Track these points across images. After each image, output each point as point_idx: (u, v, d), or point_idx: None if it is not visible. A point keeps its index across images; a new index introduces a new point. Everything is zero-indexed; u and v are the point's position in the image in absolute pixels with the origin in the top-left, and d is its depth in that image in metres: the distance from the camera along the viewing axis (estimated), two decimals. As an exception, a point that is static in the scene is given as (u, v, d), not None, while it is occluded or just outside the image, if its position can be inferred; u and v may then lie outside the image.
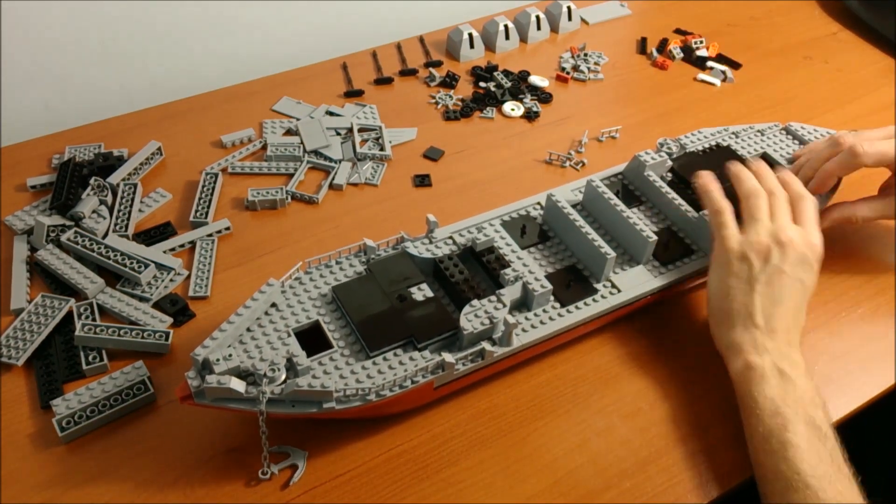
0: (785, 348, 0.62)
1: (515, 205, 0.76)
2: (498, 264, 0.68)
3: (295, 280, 0.66)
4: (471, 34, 1.06)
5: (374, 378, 0.59)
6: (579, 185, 0.78)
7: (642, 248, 0.70)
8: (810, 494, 0.55)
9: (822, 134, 0.85)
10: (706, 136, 0.84)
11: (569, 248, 0.72)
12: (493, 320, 0.62)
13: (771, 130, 0.86)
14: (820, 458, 0.57)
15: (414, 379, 0.60)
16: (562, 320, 0.66)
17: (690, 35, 1.13)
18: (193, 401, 0.57)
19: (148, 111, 0.95)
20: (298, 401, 0.57)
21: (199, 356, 0.57)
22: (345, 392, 0.57)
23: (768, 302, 0.64)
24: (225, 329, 0.59)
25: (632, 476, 0.62)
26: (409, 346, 0.62)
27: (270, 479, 0.61)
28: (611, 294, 0.68)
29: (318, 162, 0.89)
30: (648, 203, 0.77)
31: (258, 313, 0.62)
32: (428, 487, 0.61)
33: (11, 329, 0.69)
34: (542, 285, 0.65)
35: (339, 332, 0.62)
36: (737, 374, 0.63)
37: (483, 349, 0.62)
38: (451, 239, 0.70)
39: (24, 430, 0.63)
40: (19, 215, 0.80)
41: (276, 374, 0.57)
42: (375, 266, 0.67)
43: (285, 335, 0.61)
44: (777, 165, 0.79)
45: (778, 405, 0.59)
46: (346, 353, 0.61)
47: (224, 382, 0.55)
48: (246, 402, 0.57)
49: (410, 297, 0.65)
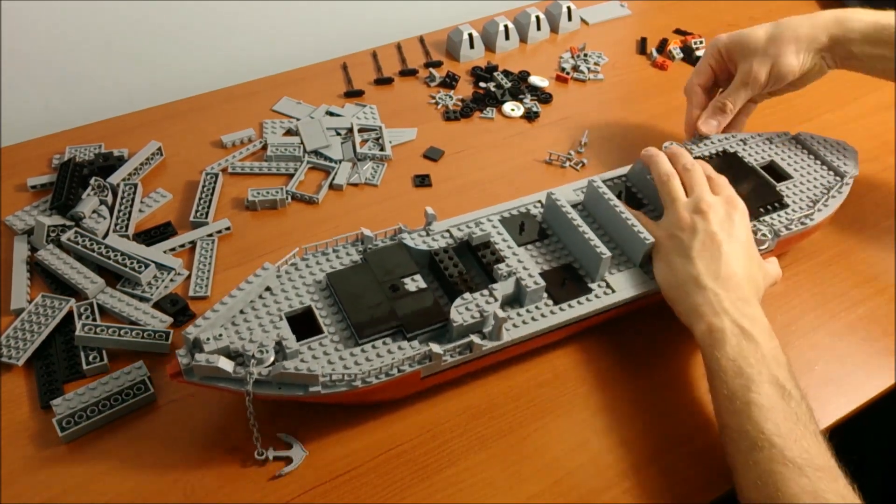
0: (740, 304, 0.63)
1: (516, 202, 0.76)
2: (493, 259, 0.68)
3: (291, 265, 0.67)
4: (471, 34, 1.06)
5: (361, 365, 0.60)
6: (581, 185, 0.78)
7: (639, 250, 0.70)
8: (776, 453, 0.55)
9: (831, 145, 0.84)
10: (714, 141, 0.84)
11: (566, 247, 0.72)
12: (484, 314, 0.63)
13: (780, 139, 0.85)
14: (785, 416, 0.57)
15: (401, 368, 0.60)
16: (553, 317, 0.66)
17: (690, 35, 1.13)
18: (183, 377, 0.58)
19: (148, 111, 0.95)
20: (285, 383, 0.58)
21: (190, 335, 0.58)
22: (331, 377, 0.58)
23: (709, 261, 0.65)
24: (218, 310, 0.60)
25: (632, 476, 0.62)
26: (398, 336, 0.63)
27: (265, 462, 0.61)
28: (605, 294, 0.68)
29: (318, 162, 0.89)
30: (650, 206, 0.77)
31: (252, 296, 0.63)
32: (428, 487, 0.61)
33: (12, 329, 0.69)
34: (535, 282, 0.66)
35: (330, 318, 0.63)
36: (700, 338, 0.63)
37: (471, 342, 0.62)
38: (448, 232, 0.70)
39: (24, 430, 0.63)
40: (19, 215, 0.80)
41: (264, 356, 0.58)
42: (371, 255, 0.68)
43: (277, 319, 0.62)
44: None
45: (741, 366, 0.60)
46: (335, 339, 0.62)
47: (212, 361, 0.56)
48: (233, 381, 0.58)
49: (403, 287, 0.66)
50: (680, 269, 0.66)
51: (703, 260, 0.65)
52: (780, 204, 0.77)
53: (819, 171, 0.81)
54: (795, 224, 0.75)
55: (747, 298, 0.64)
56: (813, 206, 0.77)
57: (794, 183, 0.80)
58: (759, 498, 0.56)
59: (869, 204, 0.87)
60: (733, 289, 0.64)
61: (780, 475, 0.55)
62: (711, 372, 0.62)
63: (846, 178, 0.80)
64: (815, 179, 0.80)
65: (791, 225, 0.74)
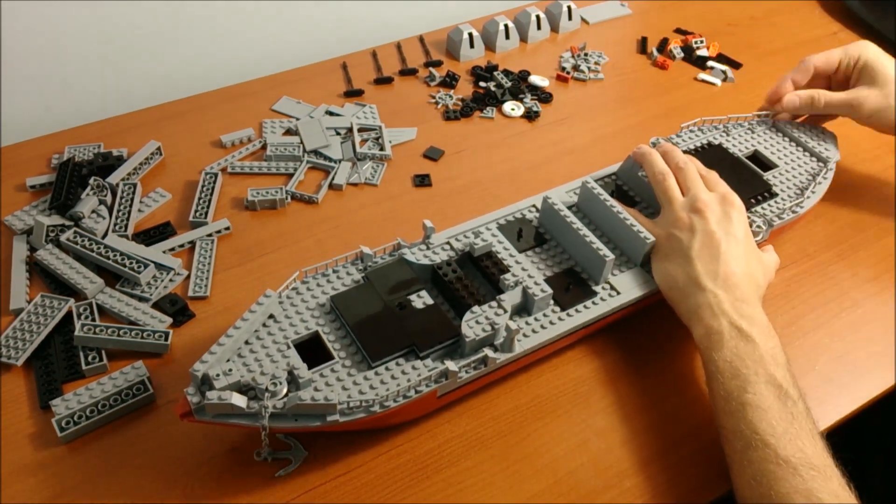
0: (739, 304, 0.63)
1: (511, 208, 0.75)
2: (496, 269, 0.67)
3: (292, 290, 0.65)
4: (471, 34, 1.06)
5: (377, 389, 0.59)
6: (574, 187, 0.78)
7: (640, 250, 0.69)
8: (769, 453, 0.55)
9: (810, 130, 0.86)
10: (697, 133, 0.85)
11: (566, 250, 0.71)
12: (495, 326, 0.61)
13: (760, 127, 0.86)
14: (780, 416, 0.57)
15: (418, 388, 0.59)
16: (562, 324, 0.65)
17: (691, 35, 1.13)
18: (194, 417, 0.56)
19: (147, 111, 0.95)
20: (301, 414, 0.56)
21: (198, 372, 0.56)
22: (348, 404, 0.57)
23: (708, 261, 0.65)
24: (223, 343, 0.58)
25: (632, 476, 0.62)
26: (410, 355, 0.61)
27: (263, 462, 0.61)
28: (610, 296, 0.68)
29: (317, 162, 0.89)
30: (643, 203, 0.77)
31: (256, 325, 0.61)
32: (428, 488, 0.61)
33: (11, 329, 0.68)
34: (542, 289, 0.65)
35: (339, 342, 0.62)
36: (698, 340, 0.64)
37: (486, 356, 0.61)
38: (448, 244, 0.69)
39: (23, 431, 0.63)
40: (19, 215, 0.80)
41: (277, 388, 0.56)
42: (373, 274, 0.66)
43: (285, 347, 0.60)
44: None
45: (737, 367, 0.60)
46: (347, 363, 0.60)
47: (225, 398, 0.54)
48: (248, 417, 0.56)
49: (410, 304, 0.64)
50: (679, 269, 0.66)
51: (702, 260, 0.65)
52: (769, 193, 0.78)
53: (802, 158, 0.83)
54: (787, 213, 0.75)
55: (746, 298, 0.64)
56: (802, 193, 0.78)
57: (781, 171, 0.81)
58: (753, 497, 0.56)
59: (869, 204, 0.87)
60: (732, 288, 0.64)
61: (774, 474, 0.55)
62: (709, 373, 0.62)
63: (829, 164, 0.81)
64: (801, 167, 0.82)
65: (783, 214, 0.75)
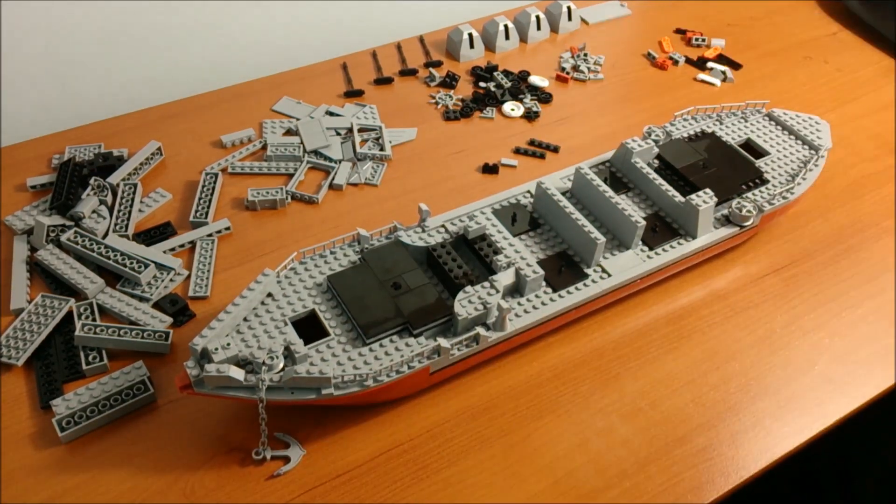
0: None
1: (506, 193, 0.77)
2: (490, 251, 0.69)
3: (290, 270, 0.67)
4: (471, 34, 1.06)
5: (371, 364, 0.61)
6: (568, 173, 0.79)
7: (631, 233, 0.71)
8: None
9: (804, 120, 0.87)
10: (691, 122, 0.85)
11: (559, 234, 0.73)
12: (487, 306, 0.63)
13: (754, 116, 0.87)
14: None
15: (410, 364, 0.61)
16: (554, 305, 0.67)
17: (691, 32, 1.13)
18: (193, 389, 0.57)
19: (148, 111, 0.95)
20: (297, 388, 0.59)
21: (197, 346, 0.58)
22: (342, 378, 0.59)
23: None
24: (222, 319, 0.60)
25: (632, 476, 0.62)
26: (404, 333, 0.63)
27: (262, 462, 0.61)
28: (601, 279, 0.69)
29: (318, 162, 0.89)
30: (636, 189, 0.78)
31: (254, 303, 0.63)
32: (428, 487, 0.61)
33: (11, 329, 0.69)
34: (534, 271, 0.67)
35: (335, 320, 0.64)
36: None
37: (478, 334, 0.63)
38: (443, 227, 0.71)
39: (24, 430, 0.63)
40: (19, 215, 0.80)
41: (274, 362, 0.58)
42: (369, 255, 0.68)
43: (282, 324, 0.62)
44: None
45: None
46: (342, 340, 0.62)
47: (223, 371, 0.56)
48: (245, 389, 0.58)
49: (405, 284, 0.66)
50: None
51: None
52: (760, 180, 0.79)
53: (794, 146, 0.84)
54: (777, 199, 0.77)
55: None
56: (792, 180, 0.79)
57: (773, 159, 0.82)
58: None
59: (869, 204, 0.88)
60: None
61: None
62: None
63: (821, 151, 0.83)
64: (792, 154, 0.83)
65: (773, 200, 0.77)
